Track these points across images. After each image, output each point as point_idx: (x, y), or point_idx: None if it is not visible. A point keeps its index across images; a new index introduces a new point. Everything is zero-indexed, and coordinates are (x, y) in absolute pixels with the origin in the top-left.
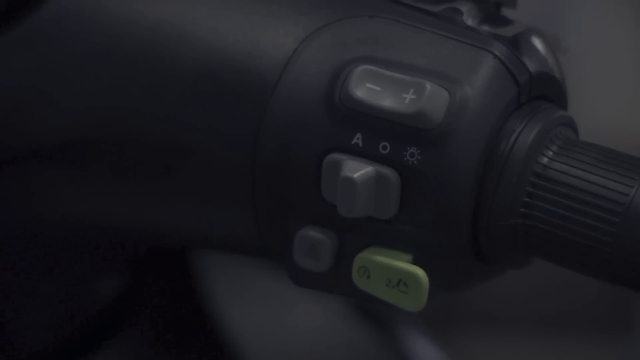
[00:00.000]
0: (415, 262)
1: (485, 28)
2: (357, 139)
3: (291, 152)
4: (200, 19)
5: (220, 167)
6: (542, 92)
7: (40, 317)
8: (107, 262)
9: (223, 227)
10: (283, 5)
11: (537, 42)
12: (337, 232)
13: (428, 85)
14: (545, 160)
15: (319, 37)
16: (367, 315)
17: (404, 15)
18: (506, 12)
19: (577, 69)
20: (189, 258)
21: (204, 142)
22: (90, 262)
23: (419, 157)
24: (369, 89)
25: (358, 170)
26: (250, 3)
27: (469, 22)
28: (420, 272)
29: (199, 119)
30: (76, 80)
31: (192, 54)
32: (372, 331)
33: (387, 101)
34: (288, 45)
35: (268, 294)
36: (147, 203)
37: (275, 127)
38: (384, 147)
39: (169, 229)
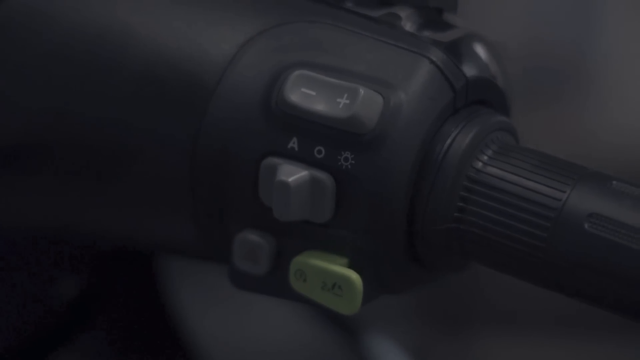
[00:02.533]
0: (351, 265)
1: (425, 33)
2: (293, 143)
3: (229, 156)
4: (145, 22)
5: (161, 170)
6: (481, 97)
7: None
8: (65, 262)
9: (166, 229)
10: (225, 11)
11: (479, 48)
12: (275, 235)
13: (362, 90)
14: (479, 165)
15: (259, 42)
16: (332, 319)
17: (344, 21)
18: (448, 16)
19: (613, 72)
20: (153, 260)
21: (145, 145)
22: (48, 262)
23: (353, 162)
24: (304, 94)
25: (293, 174)
26: (193, 8)
27: (408, 27)
28: (354, 275)
29: (141, 121)
30: (25, 80)
31: (136, 57)
32: (336, 335)
33: (321, 106)
34: (228, 49)
35: (233, 297)
36: (92, 206)
37: (214, 131)
38: (319, 152)
39: (114, 232)
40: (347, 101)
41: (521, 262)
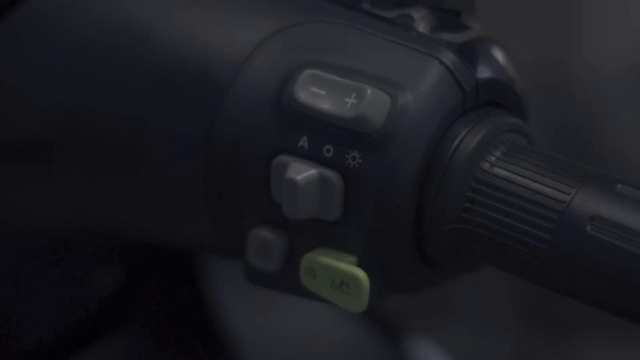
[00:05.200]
0: (359, 263)
1: (439, 35)
2: (303, 142)
3: (242, 154)
4: (163, 21)
5: (175, 167)
6: (494, 99)
7: (38, 312)
8: (100, 258)
9: (183, 226)
10: (240, 10)
11: (497, 51)
12: (287, 232)
13: (369, 90)
14: (487, 165)
15: (274, 42)
16: (374, 321)
17: (357, 21)
18: (466, 19)
19: None
20: (195, 258)
21: (160, 142)
22: (83, 257)
23: (360, 161)
24: (313, 93)
25: (302, 172)
26: (210, 7)
27: (421, 28)
28: (361, 274)
29: (156, 118)
30: (45, 79)
31: (153, 55)
32: (378, 337)
33: (329, 105)
34: (243, 49)
35: (274, 297)
36: (114, 202)
37: (227, 129)
38: (328, 150)
39: (138, 228)
40: (355, 101)
41: (526, 264)
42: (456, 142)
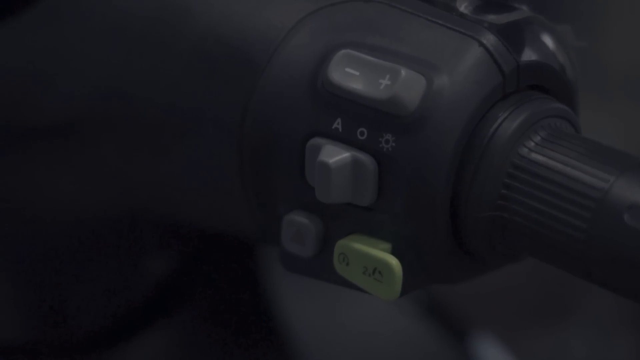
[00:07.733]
0: (394, 251)
1: (482, 15)
2: (337, 124)
3: (276, 136)
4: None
5: (211, 149)
6: (537, 82)
7: (92, 297)
8: (154, 242)
9: (221, 211)
10: None
11: (544, 33)
12: (322, 217)
13: (403, 72)
14: (525, 151)
15: (312, 21)
16: (437, 317)
17: (398, 1)
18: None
19: None
20: (255, 246)
21: (194, 123)
22: (136, 241)
23: (394, 144)
24: (347, 74)
25: (335, 155)
26: None
27: (463, 8)
28: (394, 261)
29: (191, 99)
30: (85, 60)
31: (190, 33)
32: (441, 334)
33: (363, 86)
34: (280, 27)
35: (335, 290)
36: (150, 185)
37: (262, 110)
38: (362, 133)
39: (177, 212)
40: (389, 82)
41: (563, 253)
42: (494, 126)
